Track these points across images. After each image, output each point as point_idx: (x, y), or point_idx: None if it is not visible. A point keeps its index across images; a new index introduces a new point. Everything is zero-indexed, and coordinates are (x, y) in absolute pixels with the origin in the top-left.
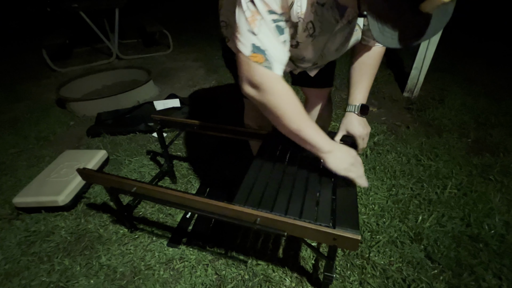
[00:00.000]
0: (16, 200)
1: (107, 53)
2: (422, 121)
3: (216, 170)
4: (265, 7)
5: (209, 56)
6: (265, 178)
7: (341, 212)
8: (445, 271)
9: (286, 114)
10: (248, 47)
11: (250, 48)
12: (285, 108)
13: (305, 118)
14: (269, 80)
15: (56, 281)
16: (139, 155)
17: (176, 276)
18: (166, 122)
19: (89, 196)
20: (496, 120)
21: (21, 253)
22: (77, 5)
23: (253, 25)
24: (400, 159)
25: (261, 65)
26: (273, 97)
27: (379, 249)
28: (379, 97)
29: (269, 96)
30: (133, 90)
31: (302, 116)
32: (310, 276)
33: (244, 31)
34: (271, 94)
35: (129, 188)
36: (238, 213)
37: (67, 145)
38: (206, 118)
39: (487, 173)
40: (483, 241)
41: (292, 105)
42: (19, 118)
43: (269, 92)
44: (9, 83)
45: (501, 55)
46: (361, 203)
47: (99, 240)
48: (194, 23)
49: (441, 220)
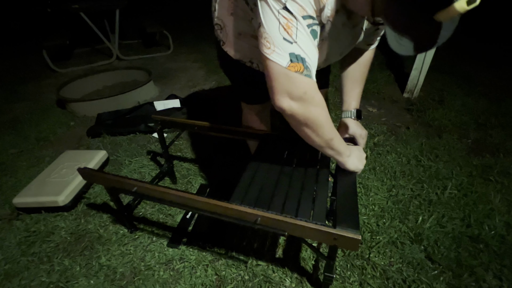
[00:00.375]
0: (16, 201)
1: (107, 53)
2: (422, 122)
3: (216, 170)
4: (301, 12)
5: (209, 57)
6: (262, 178)
7: (342, 212)
8: (445, 272)
9: (325, 124)
10: (286, 57)
11: (288, 58)
12: (325, 119)
13: (334, 128)
14: (311, 90)
15: (56, 281)
16: (139, 156)
17: (176, 277)
18: (166, 122)
19: (89, 197)
20: (496, 121)
21: (21, 253)
22: (77, 6)
23: (290, 31)
24: (400, 159)
25: (302, 74)
26: (316, 108)
27: (379, 249)
28: (379, 98)
29: (312, 107)
30: (134, 90)
31: (333, 126)
32: (310, 277)
33: (279, 41)
34: (315, 105)
35: (130, 187)
36: (239, 212)
37: (67, 145)
38: (206, 119)
39: (487, 174)
40: (483, 242)
41: (328, 115)
42: (20, 119)
43: (313, 103)
44: (9, 84)
45: (501, 56)
46: (361, 204)
47: (99, 240)
48: (194, 24)
49: (441, 221)
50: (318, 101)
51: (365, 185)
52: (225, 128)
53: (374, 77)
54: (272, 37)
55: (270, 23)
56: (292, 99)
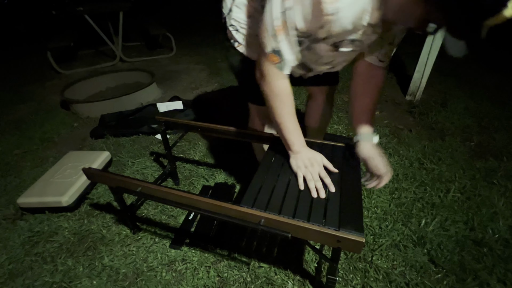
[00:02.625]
0: (20, 201)
1: (111, 55)
2: (425, 124)
3: (218, 172)
4: (293, 24)
5: (211, 59)
6: (272, 181)
7: (346, 214)
8: (448, 276)
9: (275, 107)
10: (269, 48)
11: (270, 49)
12: (274, 101)
13: (290, 117)
14: (273, 75)
15: (59, 281)
16: (142, 157)
17: (178, 278)
18: (170, 123)
19: (92, 197)
20: (500, 124)
21: (25, 253)
22: (82, 8)
23: (278, 33)
24: (403, 162)
25: (274, 63)
26: (270, 89)
27: (382, 252)
28: (382, 100)
29: (267, 87)
30: (136, 92)
31: (287, 114)
32: (312, 279)
33: (269, 34)
34: (269, 86)
35: (134, 188)
36: (243, 214)
37: (71, 146)
38: (209, 120)
39: (491, 177)
40: (487, 246)
41: (283, 101)
42: (24, 120)
43: (269, 84)
44: (14, 85)
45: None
46: (364, 206)
47: (102, 241)
48: (197, 26)
49: (444, 224)
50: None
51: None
52: (229, 130)
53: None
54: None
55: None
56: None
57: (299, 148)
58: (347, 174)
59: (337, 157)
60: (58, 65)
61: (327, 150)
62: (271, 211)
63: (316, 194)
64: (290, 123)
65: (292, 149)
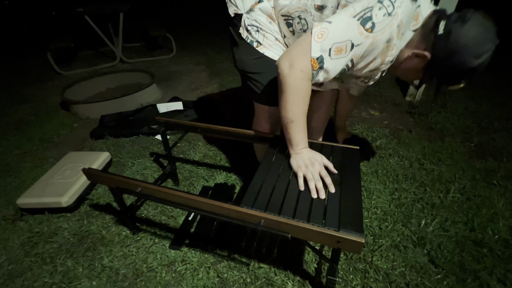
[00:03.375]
0: (20, 201)
1: (111, 56)
2: (425, 125)
3: (218, 172)
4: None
5: (211, 59)
6: (272, 181)
7: (345, 214)
8: (448, 276)
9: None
10: (317, 53)
11: (318, 54)
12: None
13: (303, 117)
14: (304, 73)
15: (59, 282)
16: (142, 157)
17: (178, 279)
18: (170, 124)
19: (92, 198)
20: (499, 124)
21: (24, 254)
22: (82, 9)
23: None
24: (403, 163)
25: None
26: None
27: (382, 253)
28: (381, 101)
29: (292, 80)
30: (137, 93)
31: (302, 113)
32: (312, 280)
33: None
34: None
35: (134, 188)
36: (243, 214)
37: (70, 147)
38: (208, 121)
39: (491, 177)
40: (487, 246)
41: (303, 99)
42: (24, 120)
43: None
44: (14, 86)
45: (503, 59)
46: (364, 207)
47: (101, 241)
48: (197, 27)
49: (444, 225)
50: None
51: (368, 188)
52: (229, 131)
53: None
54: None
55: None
56: (289, 64)
57: (302, 149)
58: (347, 174)
59: (337, 157)
60: (58, 65)
61: (327, 150)
62: (271, 211)
63: (316, 195)
64: (301, 122)
65: (295, 149)
